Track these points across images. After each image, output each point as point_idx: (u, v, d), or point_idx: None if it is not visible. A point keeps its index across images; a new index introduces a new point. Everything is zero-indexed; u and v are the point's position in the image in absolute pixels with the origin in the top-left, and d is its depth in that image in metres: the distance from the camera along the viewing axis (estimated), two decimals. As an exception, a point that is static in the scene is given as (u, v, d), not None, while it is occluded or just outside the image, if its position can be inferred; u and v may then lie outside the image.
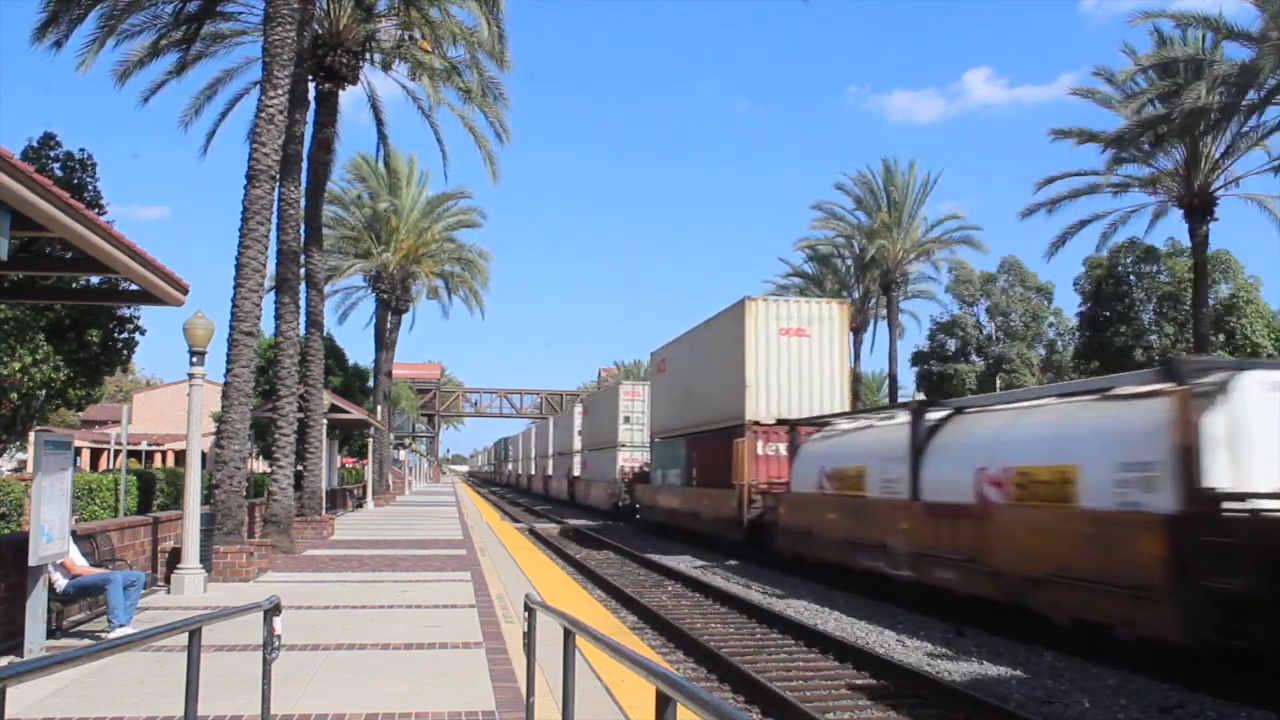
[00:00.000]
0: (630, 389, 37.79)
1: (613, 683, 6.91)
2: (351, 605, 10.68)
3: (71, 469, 8.57)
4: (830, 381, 22.02)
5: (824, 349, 22.05)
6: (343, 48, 20.97)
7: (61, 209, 6.46)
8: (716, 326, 24.36)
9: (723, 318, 23.90)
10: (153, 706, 6.17)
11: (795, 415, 20.59)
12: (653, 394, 32.40)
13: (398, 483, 49.15)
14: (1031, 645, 10.89)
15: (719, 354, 23.52)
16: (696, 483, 24.74)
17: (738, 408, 21.57)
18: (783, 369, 21.64)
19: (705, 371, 24.78)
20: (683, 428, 26.45)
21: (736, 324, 22.18)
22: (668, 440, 28.73)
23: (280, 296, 18.62)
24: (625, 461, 35.57)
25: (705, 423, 24.11)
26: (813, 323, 22.06)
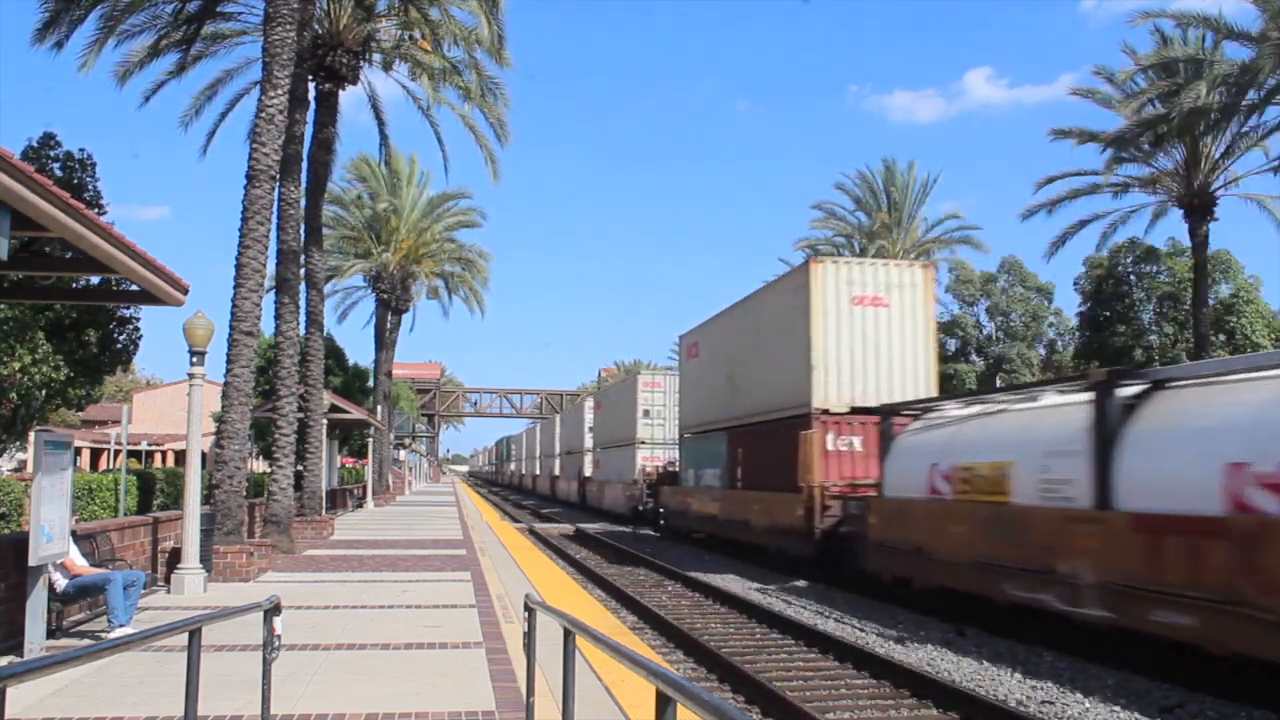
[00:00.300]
0: (650, 379, 34.03)
1: (613, 683, 6.91)
2: (351, 605, 10.68)
3: (71, 469, 8.57)
4: (914, 360, 18.19)
5: (906, 321, 18.21)
6: (343, 48, 20.97)
7: (61, 209, 6.46)
8: (771, 298, 20.56)
9: (779, 287, 20.35)
10: (153, 706, 6.16)
11: (872, 401, 17.10)
12: (681, 383, 28.30)
13: (398, 483, 49.15)
14: (1031, 645, 10.89)
15: (774, 330, 19.82)
16: (742, 484, 21.10)
17: (800, 394, 17.89)
18: (856, 346, 17.85)
19: (754, 353, 20.99)
20: (722, 420, 22.83)
21: (799, 293, 18.35)
22: (701, 436, 24.92)
23: (280, 296, 18.63)
24: (646, 460, 32.01)
25: (754, 413, 20.57)
26: (892, 289, 18.13)
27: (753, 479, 20.54)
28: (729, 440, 22.18)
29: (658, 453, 32.03)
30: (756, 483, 20.21)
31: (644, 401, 33.01)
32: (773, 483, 18.87)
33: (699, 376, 25.83)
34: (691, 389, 26.71)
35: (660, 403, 32.77)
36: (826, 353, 17.76)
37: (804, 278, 18.36)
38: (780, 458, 18.36)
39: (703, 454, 24.58)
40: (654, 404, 32.92)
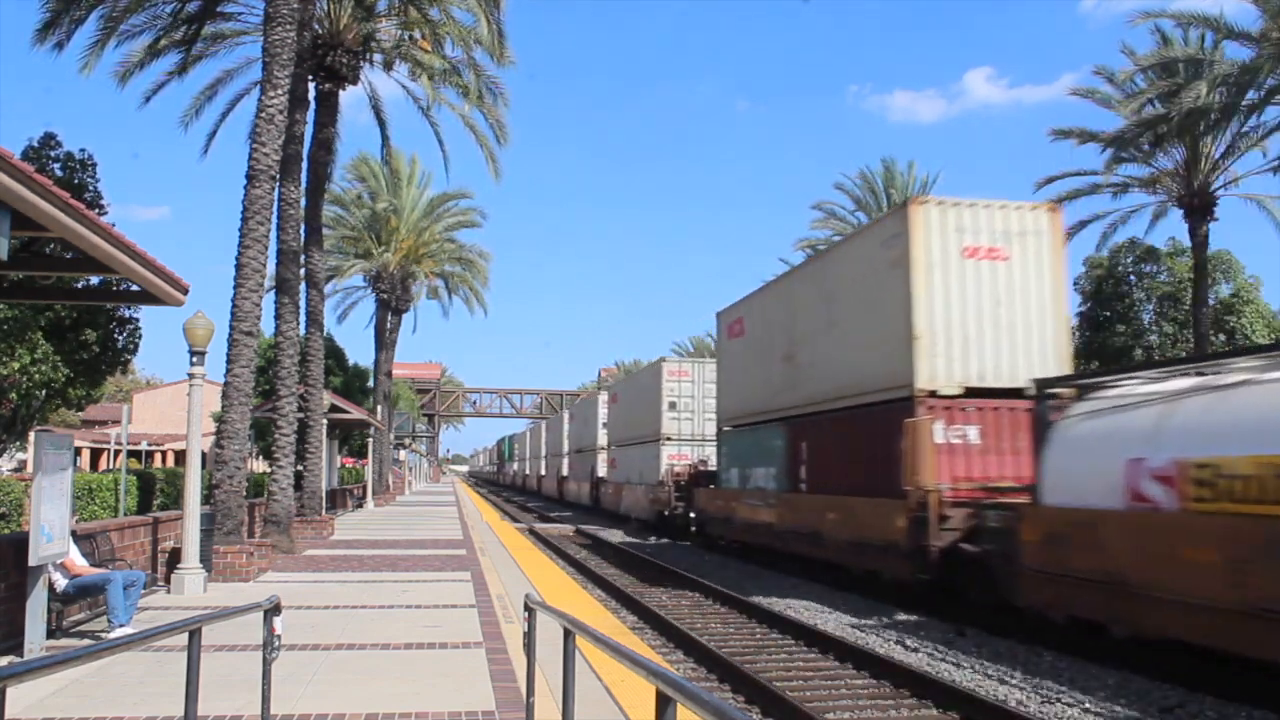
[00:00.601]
0: (676, 367, 30.20)
1: (613, 683, 6.91)
2: (351, 605, 10.68)
3: (71, 469, 8.57)
4: (1040, 328, 14.39)
5: (1030, 278, 14.45)
6: (343, 48, 20.98)
7: (61, 209, 6.46)
8: (850, 255, 16.81)
9: (863, 239, 16.66)
10: (153, 706, 6.17)
11: (988, 380, 13.86)
12: (721, 368, 24.22)
13: (398, 483, 49.15)
14: (1031, 645, 10.89)
15: (855, 295, 16.06)
16: (808, 487, 17.35)
17: (896, 372, 14.25)
18: (969, 311, 14.15)
19: (825, 325, 17.06)
20: (777, 409, 19.10)
21: (893, 244, 14.65)
22: (749, 429, 21.22)
23: (280, 296, 18.63)
24: (673, 459, 28.58)
25: (826, 399, 16.84)
26: (1012, 239, 14.53)
27: (823, 480, 16.79)
28: (788, 433, 18.41)
29: (686, 450, 28.84)
30: (829, 485, 16.46)
31: (669, 392, 29.33)
32: (853, 485, 15.32)
33: (745, 358, 21.91)
34: (735, 373, 22.70)
35: (688, 393, 29.39)
36: (933, 320, 14.02)
37: (900, 224, 14.47)
38: (865, 454, 14.99)
39: (750, 450, 20.94)
40: (680, 394, 29.37)
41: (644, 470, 30.59)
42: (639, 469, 31.51)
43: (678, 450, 29.06)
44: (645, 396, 31.48)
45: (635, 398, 33.52)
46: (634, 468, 32.34)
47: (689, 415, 29.50)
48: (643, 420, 31.47)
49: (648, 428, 30.67)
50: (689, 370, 30.21)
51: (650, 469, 29.74)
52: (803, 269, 19.88)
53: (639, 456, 31.67)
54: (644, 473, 30.54)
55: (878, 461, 14.42)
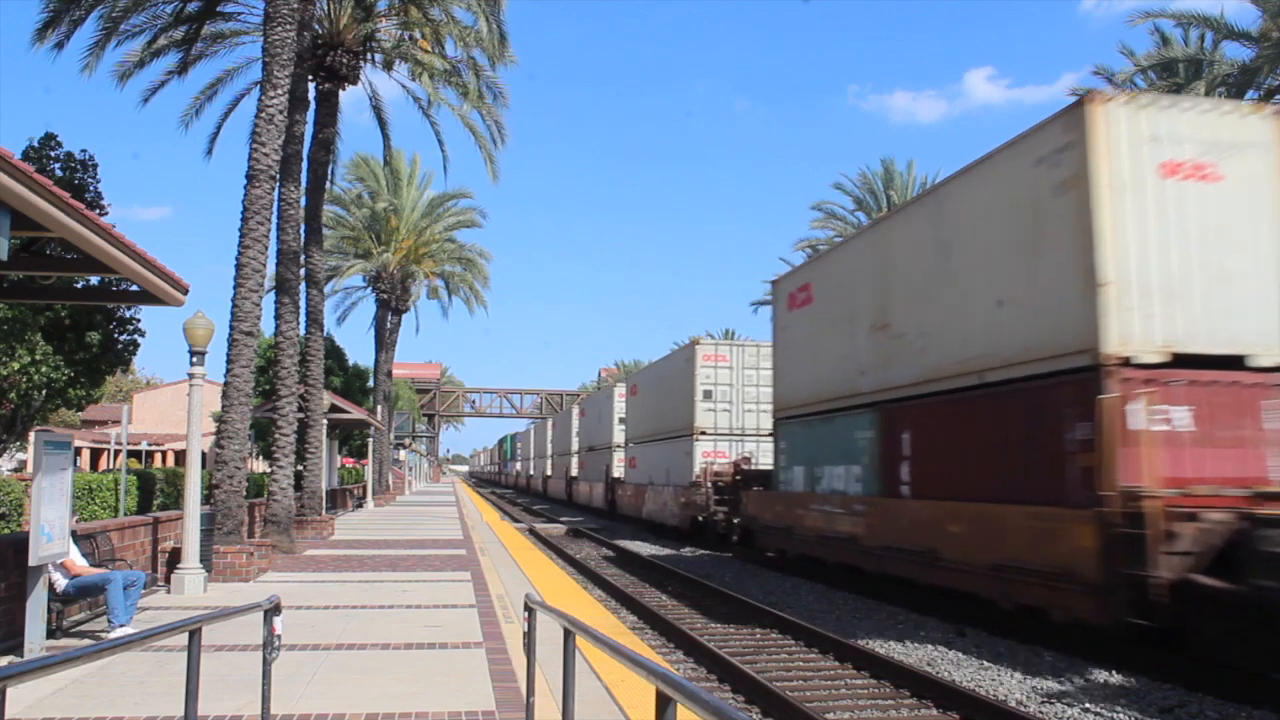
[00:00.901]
0: (712, 351, 26.48)
1: (613, 683, 6.91)
2: (351, 605, 10.68)
3: (71, 469, 8.57)
4: (1263, 274, 10.65)
5: (1251, 207, 10.74)
6: (343, 48, 20.99)
7: (62, 209, 6.47)
8: (981, 182, 12.48)
9: (1004, 160, 12.02)
10: (153, 706, 6.17)
11: (1204, 346, 10.27)
12: (779, 346, 20.05)
13: (398, 483, 49.16)
14: (1031, 645, 10.89)
15: (989, 235, 12.15)
16: (913, 490, 13.66)
17: (1066, 333, 10.64)
18: (1171, 249, 10.46)
19: (935, 279, 13.34)
20: (864, 392, 15.33)
21: (1060, 160, 10.88)
22: (820, 419, 17.19)
23: (280, 296, 18.64)
24: (708, 456, 25.36)
25: (941, 375, 13.00)
26: (1225, 153, 10.71)
27: (937, 481, 13.02)
28: (881, 422, 14.67)
29: (724, 446, 25.67)
30: (946, 488, 12.66)
31: (703, 380, 25.82)
32: (988, 488, 11.67)
33: (813, 332, 17.88)
34: (798, 352, 18.66)
35: (725, 381, 25.91)
36: (1125, 260, 10.28)
37: (1071, 131, 10.69)
38: (1010, 446, 11.43)
39: (821, 444, 17.06)
40: (717, 382, 25.85)
41: (672, 470, 27.26)
42: (665, 468, 28.06)
43: (713, 446, 25.73)
44: (673, 386, 27.89)
45: (660, 388, 29.76)
46: (658, 467, 28.90)
47: (726, 406, 25.96)
48: (670, 413, 28.09)
49: (677, 421, 27.21)
50: (727, 354, 26.33)
51: (680, 468, 26.33)
52: (901, 214, 15.21)
53: (665, 454, 28.29)
54: (672, 472, 27.22)
55: (1032, 456, 10.94)
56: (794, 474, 18.49)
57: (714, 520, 23.27)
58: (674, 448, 27.40)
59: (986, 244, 12.30)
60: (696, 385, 25.97)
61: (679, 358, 28.22)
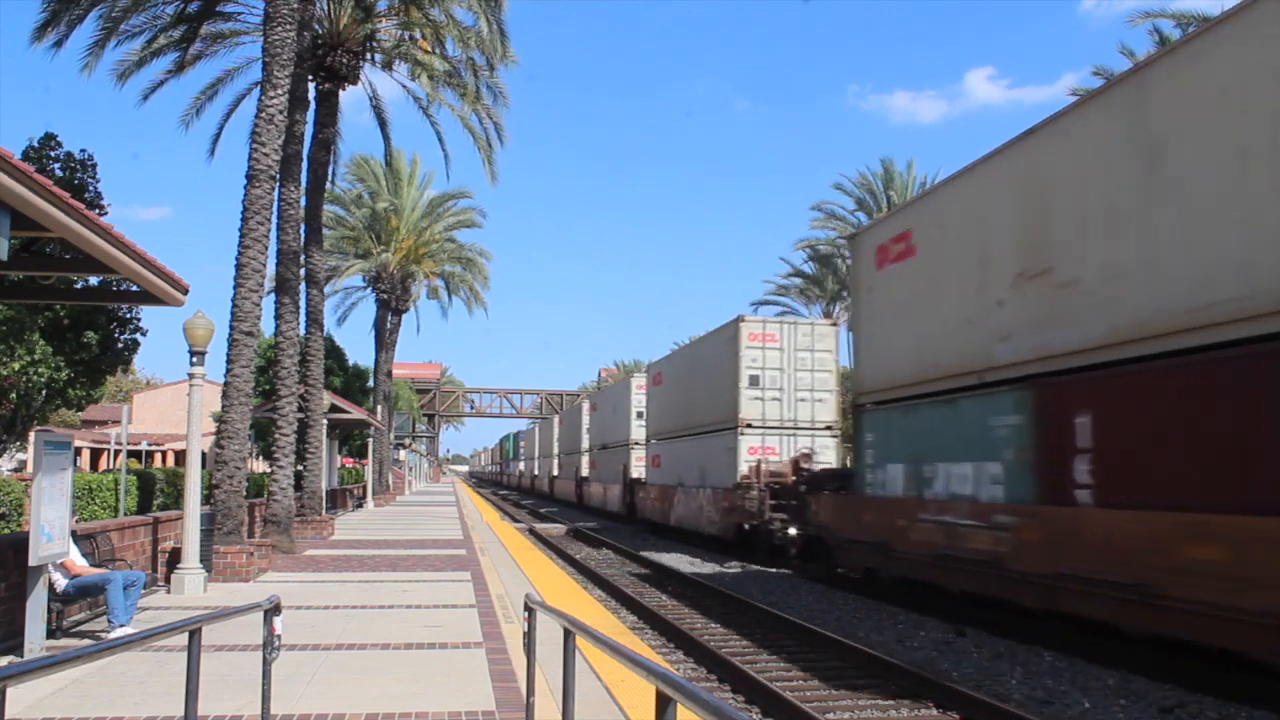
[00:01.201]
0: (759, 329, 22.72)
1: (613, 683, 6.91)
2: (351, 605, 10.68)
3: (71, 469, 8.57)
4: None
5: None
6: (343, 48, 21.00)
7: (61, 209, 6.47)
8: (1217, 50, 9.00)
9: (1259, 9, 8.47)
10: (153, 706, 6.17)
11: None
12: (867, 313, 15.81)
13: (398, 483, 49.17)
14: (1031, 645, 10.89)
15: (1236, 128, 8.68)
16: (1100, 497, 9.87)
17: None
18: None
19: (1137, 191, 9.80)
20: (1005, 364, 11.74)
21: None
22: (929, 402, 13.51)
23: (280, 296, 18.65)
24: (753, 452, 22.04)
25: (1153, 332, 9.43)
26: None
27: (1158, 483, 9.12)
28: (1039, 402, 11.02)
29: (773, 441, 22.20)
30: (1181, 492, 8.79)
31: (749, 363, 22.31)
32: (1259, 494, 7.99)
33: (916, 292, 14.10)
34: (892, 319, 14.77)
35: (775, 364, 22.47)
36: None
37: None
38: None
39: (932, 435, 13.23)
40: (765, 366, 22.42)
41: (709, 469, 23.79)
42: (699, 468, 24.57)
43: (760, 441, 22.20)
44: (711, 371, 24.28)
45: (694, 375, 26.12)
46: (690, 466, 25.44)
47: (776, 394, 22.38)
48: (707, 403, 24.51)
49: (715, 413, 23.70)
50: (777, 334, 22.66)
51: (721, 467, 22.84)
52: (1063, 120, 11.19)
53: (700, 451, 24.79)
54: (709, 472, 23.74)
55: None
56: (888, 474, 14.39)
57: (768, 530, 19.73)
58: (711, 444, 23.79)
59: (1237, 134, 8.65)
60: (741, 369, 22.21)
61: (719, 338, 24.22)
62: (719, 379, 23.54)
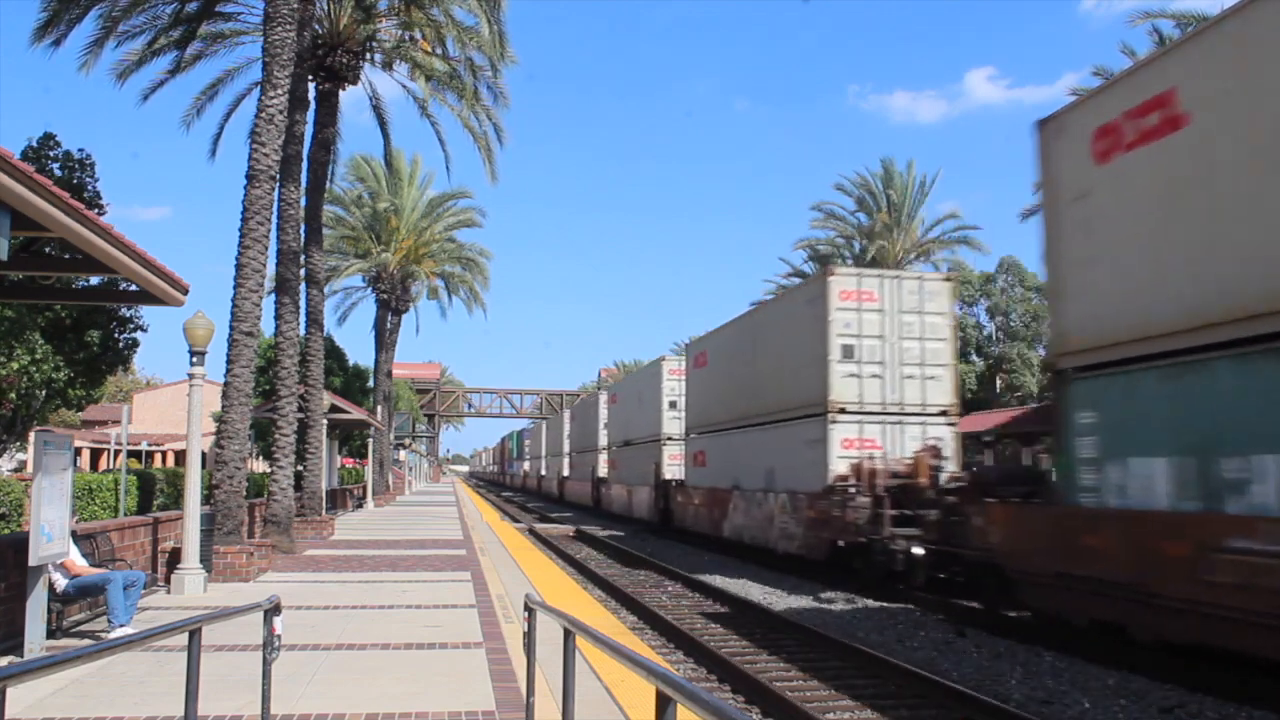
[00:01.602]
0: (852, 286, 17.55)
1: (613, 683, 6.91)
2: (352, 605, 10.68)
3: (71, 469, 8.57)
4: None
5: None
6: (343, 48, 20.99)
7: (61, 209, 6.47)
8: None
9: None
10: (153, 706, 6.17)
11: None
12: (1069, 230, 10.77)
13: (398, 483, 49.17)
14: (1031, 645, 10.89)
15: None
16: None
17: None
18: None
19: None
20: None
21: None
22: (1230, 361, 8.50)
23: (280, 297, 18.64)
24: (849, 447, 17.08)
25: None
26: None
27: None
28: None
29: (873, 431, 17.29)
30: None
31: (842, 329, 17.27)
32: None
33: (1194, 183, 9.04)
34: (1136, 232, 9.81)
35: (874, 331, 17.34)
36: None
37: None
38: None
39: (1228, 411, 8.51)
40: (861, 334, 17.35)
41: (782, 468, 19.07)
42: (767, 467, 19.81)
43: (857, 432, 17.22)
44: (783, 342, 19.69)
45: (755, 351, 21.25)
46: (752, 465, 20.73)
47: (876, 370, 17.39)
48: (775, 385, 19.74)
49: (789, 396, 18.90)
50: (875, 290, 17.56)
51: (800, 465, 18.04)
52: None
53: (767, 446, 19.96)
54: (782, 472, 19.05)
55: None
56: (1131, 474, 9.62)
57: (887, 550, 14.99)
58: (786, 436, 19.00)
59: None
60: (831, 338, 17.26)
61: (796, 300, 19.62)
62: (797, 352, 18.64)
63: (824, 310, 17.40)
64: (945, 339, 17.69)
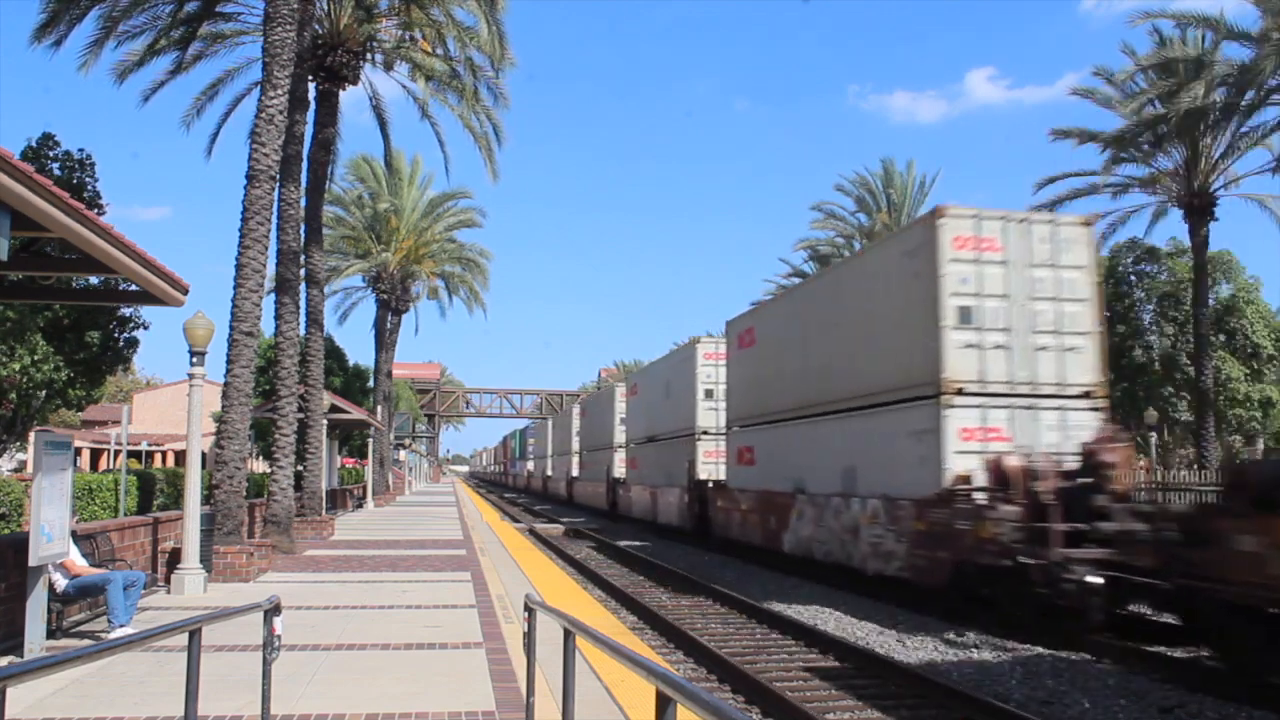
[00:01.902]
0: (966, 230, 13.71)
1: (613, 683, 6.91)
2: (352, 605, 10.68)
3: (71, 469, 8.57)
4: None
5: None
6: (343, 48, 20.99)
7: (61, 209, 6.47)
8: None
9: None
10: (153, 706, 6.17)
11: None
12: None
13: (398, 483, 49.16)
14: (1032, 645, 10.89)
15: None
16: None
17: None
18: None
19: None
20: None
21: None
22: None
23: (280, 297, 18.64)
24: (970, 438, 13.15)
25: None
26: None
27: None
28: None
29: (999, 418, 13.30)
30: None
31: (957, 285, 13.49)
32: None
33: None
34: None
35: (997, 288, 13.60)
36: None
37: None
38: None
39: None
40: (981, 291, 13.54)
41: (869, 468, 15.11)
42: (844, 466, 15.89)
43: (980, 419, 13.19)
44: (868, 311, 15.66)
45: (826, 321, 17.27)
46: (822, 464, 16.81)
47: (1000, 339, 13.49)
48: (858, 365, 15.78)
49: (885, 376, 14.74)
50: (997, 236, 13.70)
51: (903, 464, 14.03)
52: None
53: (848, 442, 15.95)
54: (868, 473, 15.11)
55: None
56: None
57: (1054, 578, 11.03)
58: (876, 426, 15.02)
59: None
60: (943, 297, 13.32)
61: (890, 251, 15.57)
62: (890, 319, 14.79)
63: (932, 263, 13.57)
64: (1086, 299, 13.89)
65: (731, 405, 22.89)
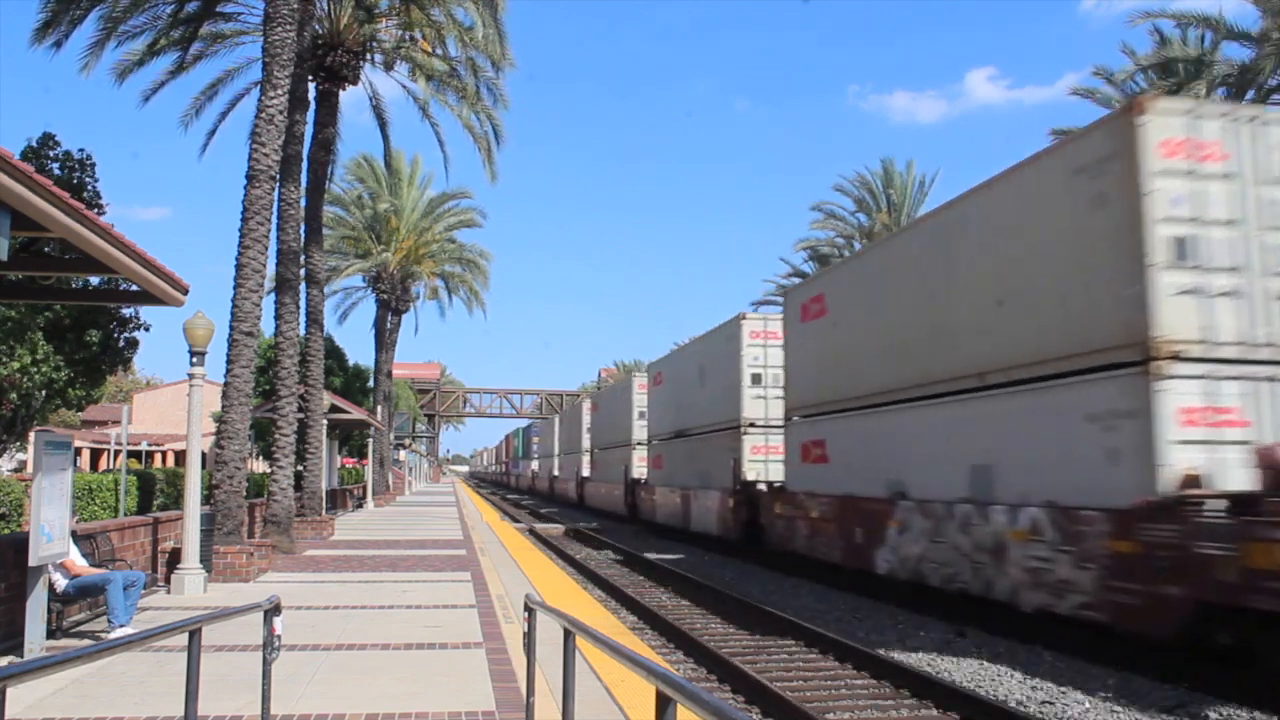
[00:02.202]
0: (1178, 132, 9.60)
1: (613, 683, 6.91)
2: (351, 605, 10.68)
3: (71, 469, 8.57)
4: None
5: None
6: (343, 48, 21.00)
7: (61, 209, 6.47)
8: None
9: None
10: (153, 706, 6.17)
11: None
12: None
13: (398, 483, 49.16)
14: (1031, 645, 10.88)
15: None
16: None
17: None
18: None
19: None
20: None
21: None
22: None
23: (280, 297, 18.65)
24: (1192, 422, 9.22)
25: None
26: None
27: None
28: None
29: (1231, 396, 9.43)
30: None
31: (1166, 214, 9.56)
32: None
33: None
34: None
35: (1221, 213, 9.73)
36: None
37: None
38: None
39: None
40: (1204, 217, 9.66)
41: (1016, 467, 11.38)
42: (974, 464, 12.26)
43: (1202, 398, 9.38)
44: (1007, 254, 11.86)
45: (935, 276, 13.64)
46: (934, 461, 13.21)
47: (1229, 281, 9.72)
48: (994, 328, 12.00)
49: (1043, 340, 10.99)
50: (1221, 145, 9.87)
51: (1078, 460, 10.26)
52: None
53: (981, 431, 12.18)
54: (1015, 473, 11.40)
55: None
56: None
57: None
58: (1028, 408, 11.28)
59: None
60: (1148, 224, 9.60)
61: (1048, 170, 11.14)
62: (1052, 258, 10.99)
63: (1130, 178, 9.75)
64: None
65: (792, 391, 18.85)
